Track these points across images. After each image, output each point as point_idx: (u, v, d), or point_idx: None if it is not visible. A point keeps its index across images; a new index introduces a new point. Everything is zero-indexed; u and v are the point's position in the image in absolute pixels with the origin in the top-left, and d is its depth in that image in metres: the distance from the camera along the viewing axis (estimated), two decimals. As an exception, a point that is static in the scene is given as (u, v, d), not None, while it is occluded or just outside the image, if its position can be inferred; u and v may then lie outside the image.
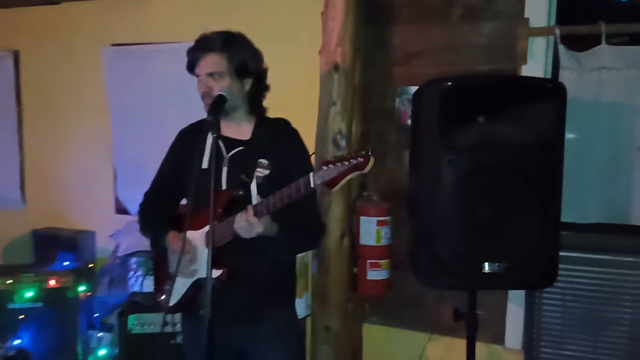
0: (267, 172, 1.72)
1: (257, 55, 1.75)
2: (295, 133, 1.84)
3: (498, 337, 2.32)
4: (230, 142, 1.74)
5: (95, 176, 3.14)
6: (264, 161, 1.73)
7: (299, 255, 2.03)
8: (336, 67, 2.30)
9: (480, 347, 2.31)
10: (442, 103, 1.84)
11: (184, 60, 1.75)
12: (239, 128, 1.77)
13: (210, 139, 1.68)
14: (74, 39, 3.08)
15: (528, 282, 1.95)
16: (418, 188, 1.98)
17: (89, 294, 2.78)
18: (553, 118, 1.85)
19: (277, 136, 1.77)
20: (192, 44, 1.74)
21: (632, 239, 2.10)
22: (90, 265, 2.97)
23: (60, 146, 3.22)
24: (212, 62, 1.69)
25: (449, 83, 1.83)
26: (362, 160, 1.49)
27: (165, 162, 1.89)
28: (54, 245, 3.07)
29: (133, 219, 3.01)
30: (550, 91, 1.86)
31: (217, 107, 1.63)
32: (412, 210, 2.03)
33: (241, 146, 1.75)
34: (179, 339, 2.28)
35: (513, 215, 1.84)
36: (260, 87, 1.77)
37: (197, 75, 1.71)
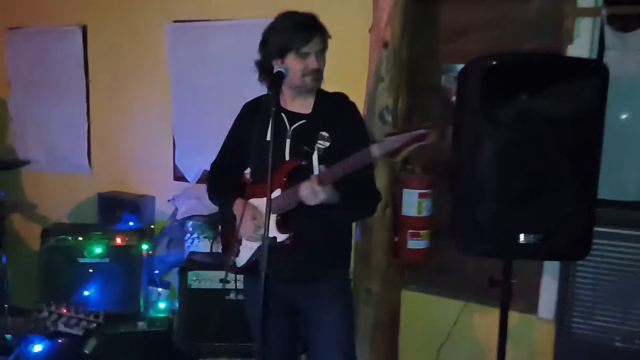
0: (327, 144, 1.85)
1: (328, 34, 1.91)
2: (353, 106, 1.99)
3: (531, 307, 2.42)
4: (294, 116, 1.91)
5: (156, 145, 3.36)
6: (324, 133, 1.86)
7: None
8: (385, 45, 2.42)
9: (513, 316, 2.42)
10: (485, 80, 1.92)
11: (242, 36, 1.91)
12: (304, 102, 1.92)
13: (273, 112, 1.79)
14: (138, 15, 3.27)
15: (561, 254, 2.04)
16: (459, 160, 2.08)
17: (150, 252, 3.02)
18: (594, 96, 1.90)
19: (336, 110, 1.93)
20: (251, 20, 1.89)
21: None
22: (151, 226, 3.21)
23: (124, 117, 3.45)
24: (321, 40, 1.85)
25: (493, 61, 1.91)
26: (424, 132, 1.62)
27: (230, 134, 2.06)
28: (117, 207, 3.31)
29: (190, 185, 3.26)
30: (593, 71, 1.91)
31: (277, 82, 1.79)
32: (453, 180, 2.13)
33: (304, 119, 1.90)
34: (232, 295, 2.50)
35: (550, 188, 1.92)
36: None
37: (304, 53, 1.81)
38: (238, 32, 2.90)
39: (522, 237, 1.93)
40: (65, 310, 1.89)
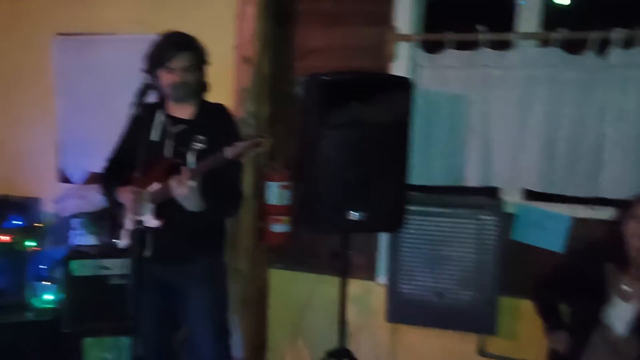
0: (203, 146, 2.13)
1: (205, 53, 2.25)
2: (230, 116, 2.36)
3: (371, 275, 2.97)
4: (177, 120, 2.24)
5: (42, 150, 3.51)
6: (201, 137, 2.15)
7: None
8: (247, 60, 2.86)
9: (357, 284, 2.97)
10: (321, 91, 2.41)
11: (125, 49, 2.19)
12: (187, 109, 2.26)
13: (158, 117, 2.18)
14: (27, 27, 3.43)
15: (383, 227, 2.61)
16: (304, 157, 2.56)
17: (37, 249, 3.22)
18: (404, 104, 2.46)
19: (214, 118, 2.28)
20: (133, 36, 2.20)
21: (465, 196, 2.77)
22: (37, 225, 3.39)
23: (10, 123, 3.58)
24: (189, 58, 2.17)
25: (326, 77, 2.42)
26: (261, 140, 2.03)
27: (122, 134, 2.35)
28: (4, 208, 3.46)
29: (74, 186, 3.48)
30: (403, 85, 2.47)
31: (143, 92, 2.05)
32: (300, 174, 2.61)
33: (185, 124, 2.24)
34: (113, 280, 2.83)
35: (374, 177, 2.44)
36: (204, 77, 2.29)
37: (170, 68, 2.14)
38: (121, 46, 3.19)
39: (352, 215, 2.45)
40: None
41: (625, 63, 2.44)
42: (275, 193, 2.92)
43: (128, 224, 2.22)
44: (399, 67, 2.80)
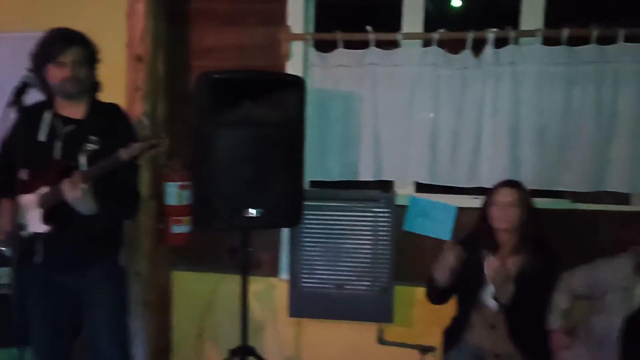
0: (96, 147, 2.07)
1: (96, 49, 2.18)
2: (125, 116, 2.29)
3: (275, 271, 3.01)
4: (66, 120, 2.14)
5: None
6: (94, 138, 2.08)
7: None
8: (139, 59, 2.80)
9: (260, 281, 3.00)
10: (212, 90, 2.41)
11: (9, 47, 2.07)
12: (77, 109, 2.15)
13: (46, 116, 2.08)
14: None
15: (280, 223, 2.65)
16: (198, 156, 2.55)
17: None
18: (296, 103, 2.51)
19: (108, 118, 2.19)
20: (18, 34, 2.10)
21: (360, 190, 2.88)
22: None
23: None
24: (80, 52, 2.09)
25: (217, 75, 2.43)
26: (157, 141, 2.00)
27: (6, 136, 2.20)
28: None
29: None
30: (294, 84, 2.52)
31: (21, 91, 1.98)
32: (195, 173, 2.60)
33: (75, 124, 2.14)
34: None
35: (270, 174, 2.47)
36: (95, 75, 2.21)
37: (60, 62, 2.05)
38: (6, 45, 3.03)
39: (249, 212, 2.47)
40: None
41: (497, 61, 2.63)
42: (174, 194, 2.89)
43: (9, 230, 2.13)
44: (293, 66, 2.86)
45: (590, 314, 2.12)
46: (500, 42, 2.64)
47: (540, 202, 2.70)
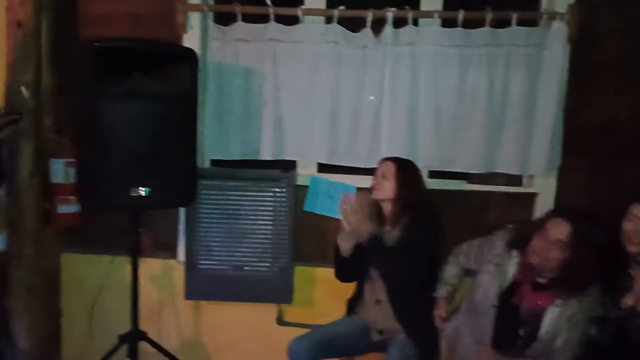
0: None
1: None
2: None
3: (173, 253, 2.90)
4: None
5: None
6: None
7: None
8: (20, 24, 2.57)
9: (157, 263, 2.89)
10: (97, 60, 2.23)
11: None
12: None
13: None
14: None
15: (173, 203, 2.54)
16: (83, 131, 2.38)
17: None
18: (188, 77, 2.39)
19: None
20: None
21: (260, 170, 2.80)
22: None
23: None
24: None
25: (98, 44, 2.25)
26: (16, 117, 1.84)
27: None
28: None
29: None
30: (186, 57, 2.40)
31: None
32: (79, 150, 2.43)
33: None
34: None
35: (161, 152, 2.35)
36: None
37: None
38: None
39: (138, 190, 2.34)
40: None
41: (396, 41, 2.62)
42: (61, 171, 2.69)
43: None
44: (191, 39, 2.72)
45: (473, 288, 2.18)
46: (400, 23, 2.63)
47: (436, 183, 2.78)
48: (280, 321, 2.91)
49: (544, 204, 2.70)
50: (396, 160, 2.36)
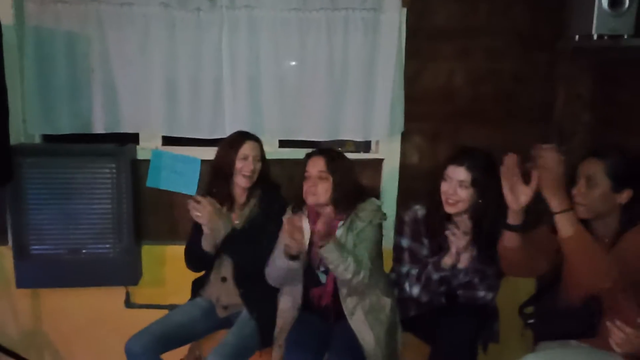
0: None
1: None
2: None
3: (4, 239, 2.64)
4: None
5: None
6: None
7: None
8: None
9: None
10: None
11: None
12: None
13: None
14: None
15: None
16: None
17: None
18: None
19: None
20: None
21: (92, 145, 2.58)
22: None
23: None
24: None
25: None
26: None
27: None
28: None
29: None
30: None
31: None
32: None
33: None
34: None
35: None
36: None
37: None
38: None
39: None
40: None
41: (232, 4, 2.48)
42: None
43: None
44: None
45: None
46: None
47: (288, 153, 2.72)
48: (129, 304, 2.76)
49: (389, 169, 2.73)
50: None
